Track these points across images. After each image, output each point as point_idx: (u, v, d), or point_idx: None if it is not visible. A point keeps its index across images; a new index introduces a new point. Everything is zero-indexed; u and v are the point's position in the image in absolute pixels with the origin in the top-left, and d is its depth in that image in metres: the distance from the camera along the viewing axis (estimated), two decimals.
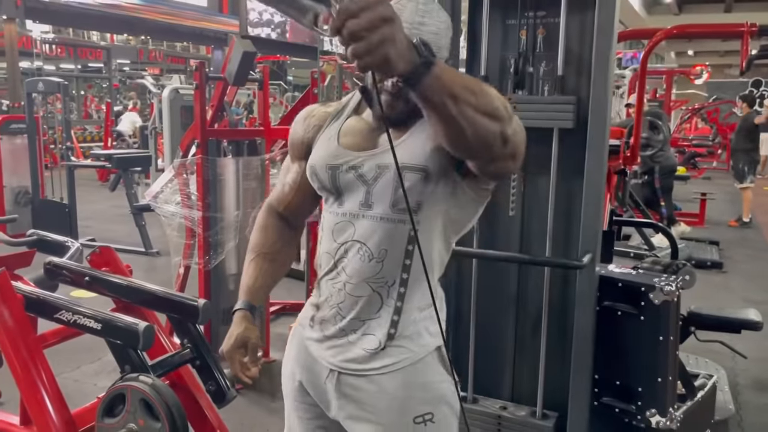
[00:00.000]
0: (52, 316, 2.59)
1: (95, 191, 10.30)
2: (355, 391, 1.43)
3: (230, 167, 3.73)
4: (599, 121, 1.97)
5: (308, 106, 1.57)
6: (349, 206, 1.40)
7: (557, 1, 2.04)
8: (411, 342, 1.41)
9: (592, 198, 1.98)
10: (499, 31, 2.17)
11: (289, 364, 1.57)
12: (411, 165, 1.32)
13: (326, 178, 1.41)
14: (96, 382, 3.79)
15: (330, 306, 1.44)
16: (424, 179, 1.32)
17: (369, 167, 1.37)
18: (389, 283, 1.38)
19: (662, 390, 2.08)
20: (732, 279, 6.21)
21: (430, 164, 1.32)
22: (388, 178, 1.34)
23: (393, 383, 1.41)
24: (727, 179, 14.21)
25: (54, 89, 6.60)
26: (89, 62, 19.47)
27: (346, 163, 1.39)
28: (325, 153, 1.43)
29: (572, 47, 2.06)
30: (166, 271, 5.68)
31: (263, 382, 3.76)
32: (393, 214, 1.35)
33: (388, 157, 1.31)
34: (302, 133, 1.51)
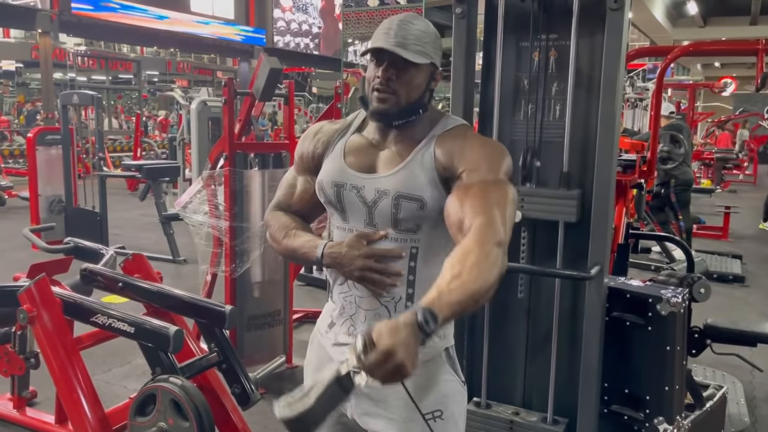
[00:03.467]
0: (88, 320, 2.75)
1: (125, 200, 10.56)
2: (371, 389, 1.53)
3: (256, 179, 3.87)
4: (608, 137, 2.06)
5: (316, 123, 1.67)
6: (355, 223, 1.51)
7: (568, 25, 2.13)
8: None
9: (601, 211, 2.07)
10: (512, 53, 2.26)
11: (310, 366, 1.68)
12: (407, 194, 1.43)
13: (332, 194, 1.52)
14: (126, 385, 3.93)
15: (343, 317, 1.55)
16: (420, 208, 1.43)
17: (369, 190, 1.47)
18: (396, 299, 1.48)
19: (669, 399, 2.14)
20: (753, 294, 6.18)
21: (426, 195, 1.43)
22: (386, 203, 1.45)
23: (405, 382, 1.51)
24: (753, 192, 14.07)
25: (88, 101, 6.84)
26: (120, 73, 19.91)
27: (350, 183, 1.50)
28: (332, 170, 1.53)
29: (582, 69, 2.15)
30: (192, 278, 5.83)
31: (285, 387, 3.87)
32: (396, 234, 1.46)
33: (386, 183, 1.45)
34: (312, 149, 1.60)
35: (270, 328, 4.04)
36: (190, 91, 11.05)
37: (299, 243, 1.55)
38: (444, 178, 1.43)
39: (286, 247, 1.59)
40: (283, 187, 1.69)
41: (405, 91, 1.44)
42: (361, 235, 1.47)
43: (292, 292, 4.16)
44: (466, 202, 1.35)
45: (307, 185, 1.63)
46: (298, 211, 1.65)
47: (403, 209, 1.43)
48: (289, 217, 1.63)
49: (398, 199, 1.43)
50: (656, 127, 4.09)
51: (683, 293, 2.20)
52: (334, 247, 1.48)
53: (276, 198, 1.70)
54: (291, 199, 1.65)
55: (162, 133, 15.97)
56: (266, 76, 3.62)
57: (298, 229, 1.59)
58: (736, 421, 3.22)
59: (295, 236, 1.57)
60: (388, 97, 1.44)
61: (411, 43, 1.42)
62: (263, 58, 3.66)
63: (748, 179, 15.70)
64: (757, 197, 13.23)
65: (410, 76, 1.44)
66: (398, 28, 1.42)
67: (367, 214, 1.48)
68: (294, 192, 1.65)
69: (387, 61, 1.43)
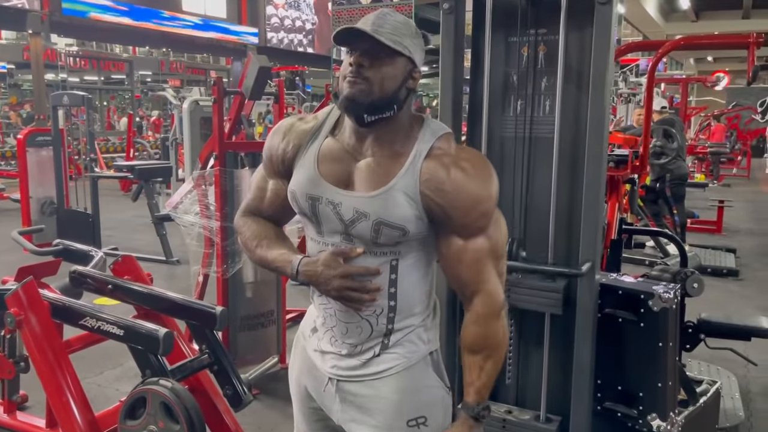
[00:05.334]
0: (77, 323, 2.72)
1: (117, 201, 10.52)
2: (354, 396, 1.51)
3: (247, 179, 3.84)
4: (598, 133, 2.05)
5: (285, 119, 1.54)
6: (330, 237, 1.44)
7: (557, 19, 2.11)
8: (404, 349, 1.48)
9: (591, 207, 2.05)
10: (501, 48, 2.24)
11: (295, 370, 1.64)
12: (389, 222, 1.37)
13: (306, 206, 1.44)
14: (118, 387, 3.91)
15: (325, 327, 1.52)
16: (402, 235, 1.39)
17: (347, 208, 1.39)
18: (377, 311, 1.45)
19: (662, 395, 2.13)
20: (747, 287, 6.19)
21: (409, 225, 1.38)
22: (365, 226, 1.38)
23: (388, 387, 1.48)
24: (746, 185, 14.10)
25: (78, 102, 6.79)
26: (112, 74, 19.84)
27: (325, 197, 1.41)
28: (305, 180, 1.44)
29: (571, 63, 2.13)
30: (186, 279, 5.81)
31: (279, 387, 3.85)
32: (374, 248, 1.41)
33: (367, 205, 1.38)
34: (281, 152, 1.50)
35: (263, 328, 4.02)
36: (182, 91, 10.99)
37: (273, 256, 1.50)
38: (429, 212, 1.39)
39: (260, 257, 1.53)
40: (252, 189, 1.62)
41: (378, 80, 1.34)
42: (337, 252, 1.40)
43: (285, 291, 4.14)
44: (464, 271, 1.42)
45: (278, 189, 1.55)
46: (270, 216, 1.59)
47: (384, 235, 1.38)
48: (260, 224, 1.57)
49: (379, 225, 1.37)
50: (648, 122, 4.08)
51: (675, 289, 2.18)
52: (309, 265, 1.42)
53: (246, 201, 1.63)
54: (261, 204, 1.59)
55: (155, 134, 15.92)
56: (255, 74, 3.59)
57: (271, 239, 1.53)
58: (731, 416, 3.22)
59: (268, 247, 1.52)
60: (359, 83, 1.34)
61: (386, 32, 1.34)
62: (252, 56, 3.63)
63: (741, 173, 15.74)
64: (750, 191, 13.28)
65: (383, 65, 1.35)
66: (375, 18, 1.36)
67: (344, 229, 1.41)
68: (264, 196, 1.58)
69: (360, 50, 1.35)
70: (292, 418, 1.74)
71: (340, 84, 1.38)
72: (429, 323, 1.52)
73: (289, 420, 1.78)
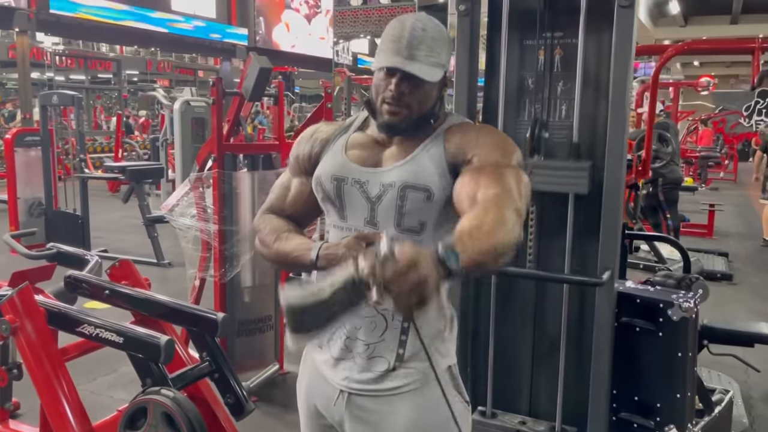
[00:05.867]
0: (74, 330, 2.63)
1: (105, 202, 10.37)
2: (366, 412, 1.44)
3: (246, 181, 3.77)
4: (618, 137, 2.00)
5: (312, 125, 1.57)
6: (354, 222, 1.42)
7: (574, 22, 2.07)
8: (421, 363, 1.41)
9: (611, 215, 2.01)
10: (516, 51, 2.20)
11: (303, 386, 1.58)
12: (414, 184, 1.36)
13: (331, 188, 1.43)
14: (112, 395, 3.81)
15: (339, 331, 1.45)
16: (427, 199, 1.35)
17: (374, 185, 1.40)
18: None
19: (681, 406, 2.09)
20: (741, 291, 6.20)
21: (434, 186, 1.35)
22: (391, 197, 1.37)
23: (404, 404, 1.41)
24: (734, 189, 14.20)
25: (68, 102, 6.67)
26: (98, 73, 19.62)
27: (352, 177, 1.42)
28: (332, 164, 1.45)
29: (590, 67, 2.09)
30: (178, 282, 5.72)
31: (277, 394, 3.78)
32: (397, 233, 1.37)
33: (392, 175, 1.38)
34: (309, 149, 1.52)
35: (261, 333, 3.95)
36: (173, 91, 10.87)
37: (291, 246, 1.45)
38: (453, 166, 1.37)
39: (277, 251, 1.49)
40: (275, 189, 1.60)
41: (417, 105, 1.38)
42: (360, 236, 1.38)
43: None
44: (481, 179, 1.30)
45: (303, 187, 1.54)
46: (292, 215, 1.56)
47: (410, 200, 1.36)
48: (280, 220, 1.54)
49: (404, 189, 1.36)
50: (650, 126, 4.06)
51: (695, 298, 2.15)
52: (331, 248, 1.38)
53: (268, 201, 1.60)
54: (284, 202, 1.56)
55: (143, 134, 15.74)
56: (255, 75, 3.52)
57: (291, 232, 1.50)
58: (736, 422, 3.19)
59: (287, 239, 1.48)
60: (400, 111, 1.37)
61: (424, 55, 1.34)
62: (252, 57, 3.56)
63: (728, 176, 15.86)
64: (738, 194, 13.37)
65: (424, 91, 1.37)
66: (410, 36, 1.34)
67: (369, 210, 1.40)
68: (287, 194, 1.56)
69: (399, 74, 1.35)
70: (291, 426, 1.68)
71: (377, 101, 1.40)
72: (446, 334, 1.47)
73: (289, 427, 1.72)
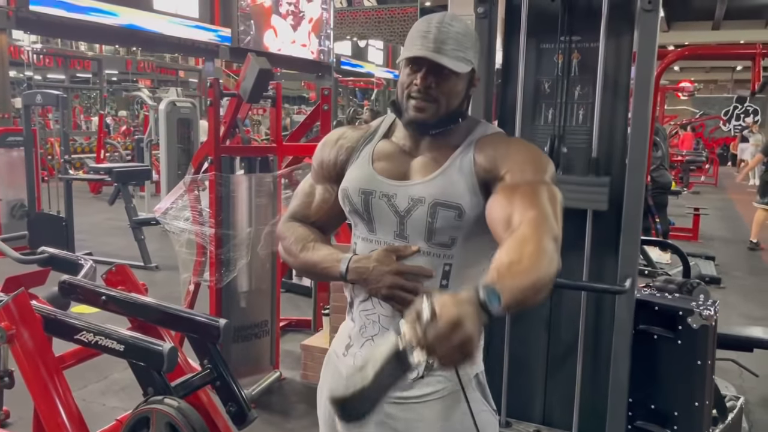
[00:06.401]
0: (71, 338, 2.54)
1: (88, 203, 10.18)
2: (393, 420, 1.41)
3: (243, 184, 3.70)
4: (641, 142, 1.98)
5: (336, 129, 1.55)
6: (383, 235, 1.39)
7: (593, 26, 2.05)
8: (449, 371, 1.36)
9: (631, 223, 1.99)
10: (533, 55, 2.17)
11: (325, 393, 1.54)
12: (444, 201, 1.32)
13: (359, 202, 1.40)
14: (104, 402, 3.72)
15: (364, 337, 1.42)
16: (458, 217, 1.32)
17: (402, 198, 1.36)
18: None
19: (699, 414, 2.08)
20: (730, 295, 6.24)
21: (464, 203, 1.32)
22: (421, 212, 1.33)
23: (432, 412, 1.39)
24: (715, 193, 14.38)
25: (52, 101, 6.53)
26: (77, 72, 19.32)
27: (380, 190, 1.38)
28: (359, 176, 1.41)
29: (609, 71, 2.06)
30: (166, 286, 5.62)
31: (276, 401, 3.72)
32: (428, 248, 1.35)
33: (422, 190, 1.34)
34: (334, 156, 1.48)
35: (257, 339, 3.87)
36: (158, 91, 10.71)
37: (319, 257, 1.43)
38: (484, 183, 1.33)
39: (304, 261, 1.46)
40: (299, 196, 1.57)
41: (445, 100, 1.34)
42: (390, 249, 1.35)
43: (279, 301, 4.00)
44: (516, 199, 1.25)
45: (327, 195, 1.51)
46: (316, 222, 1.53)
47: (440, 218, 1.32)
48: (305, 228, 1.51)
49: (435, 207, 1.32)
50: (651, 132, 4.06)
51: (714, 305, 2.13)
52: (361, 261, 1.36)
53: (291, 208, 1.57)
54: (308, 210, 1.53)
55: (124, 135, 15.52)
56: (255, 77, 3.45)
57: (317, 241, 1.47)
58: None
59: (314, 249, 1.45)
60: (427, 106, 1.33)
61: (451, 48, 1.31)
62: (251, 58, 3.49)
63: (709, 180, 16.06)
64: (719, 198, 13.54)
65: (451, 84, 1.34)
66: (437, 32, 1.31)
67: (398, 224, 1.36)
68: (312, 201, 1.53)
69: (426, 67, 1.32)
70: None
71: (403, 98, 1.37)
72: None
73: None
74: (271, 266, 3.88)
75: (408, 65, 1.36)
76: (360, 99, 17.57)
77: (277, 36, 16.48)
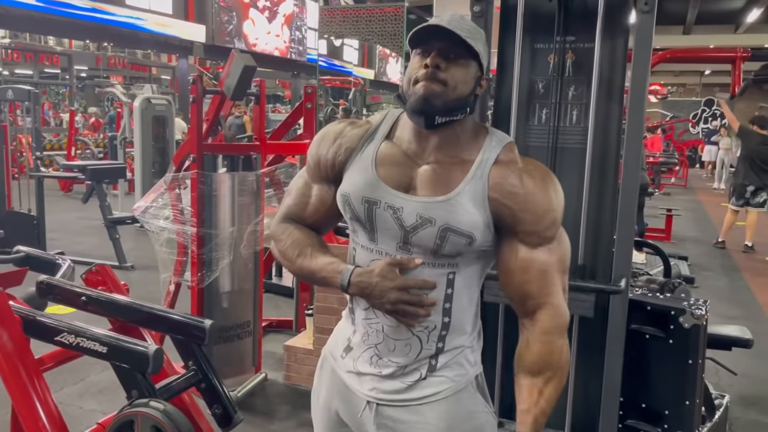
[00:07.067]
0: (52, 339, 2.47)
1: (58, 202, 9.95)
2: (395, 422, 1.40)
3: (226, 182, 3.65)
4: (635, 143, 1.99)
5: (334, 123, 1.46)
6: (385, 246, 1.34)
7: (588, 27, 2.05)
8: (452, 372, 1.39)
9: (626, 219, 2.00)
10: (527, 55, 2.17)
11: (323, 393, 1.52)
12: (457, 229, 1.29)
13: (361, 211, 1.34)
14: (81, 405, 3.63)
15: (366, 345, 1.40)
16: (469, 244, 1.30)
17: (409, 213, 1.31)
18: (430, 328, 1.35)
19: (689, 413, 2.10)
20: (703, 294, 6.32)
21: (477, 234, 1.30)
22: (430, 233, 1.29)
23: (435, 413, 1.38)
24: (685, 194, 14.65)
25: (24, 97, 6.38)
26: (46, 67, 18.92)
27: (385, 201, 1.33)
28: (362, 183, 1.35)
29: (603, 72, 2.07)
30: (142, 286, 5.52)
31: (259, 403, 3.67)
32: (433, 260, 1.32)
33: (433, 211, 1.29)
34: (333, 155, 1.41)
35: (239, 340, 3.82)
36: (132, 88, 10.51)
37: (318, 265, 1.39)
38: (497, 222, 1.32)
39: (301, 267, 1.42)
40: (293, 194, 1.51)
41: (453, 82, 1.28)
42: (393, 262, 1.31)
43: (261, 301, 3.95)
44: (530, 282, 1.33)
45: (324, 195, 1.46)
46: (312, 223, 1.48)
47: (449, 243, 1.29)
48: (302, 231, 1.46)
49: (446, 231, 1.28)
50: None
51: (706, 304, 2.15)
52: (363, 276, 1.31)
53: (285, 207, 1.52)
54: (304, 210, 1.48)
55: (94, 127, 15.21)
56: (239, 74, 3.40)
57: (314, 247, 1.42)
58: None
59: (312, 256, 1.41)
60: (434, 88, 1.27)
61: (464, 32, 1.28)
62: (235, 55, 3.44)
63: (679, 182, 16.35)
64: (689, 199, 13.80)
65: (460, 68, 1.29)
66: (451, 18, 1.30)
67: (402, 237, 1.32)
68: (308, 202, 1.48)
69: (436, 49, 1.28)
70: None
71: (409, 86, 1.31)
72: (476, 344, 1.45)
73: None
74: (254, 266, 3.84)
75: (417, 55, 1.32)
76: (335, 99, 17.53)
77: (254, 26, 16.80)
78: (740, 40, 18.00)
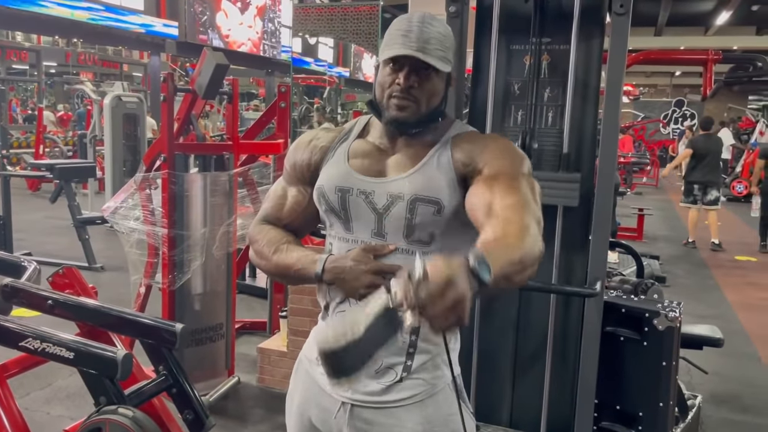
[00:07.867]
0: (16, 345, 2.41)
1: (25, 201, 9.73)
2: (370, 425, 1.38)
3: (197, 183, 3.59)
4: (611, 145, 1.99)
5: (308, 131, 1.54)
6: (360, 234, 1.37)
7: (563, 29, 2.05)
8: (428, 374, 1.38)
9: (601, 225, 2.00)
10: (503, 56, 2.16)
11: (296, 400, 1.51)
12: (424, 197, 1.31)
13: (335, 200, 1.37)
14: (48, 411, 3.55)
15: None
16: (437, 212, 1.31)
17: (380, 195, 1.34)
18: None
19: (663, 415, 2.10)
20: (675, 294, 6.40)
21: (444, 198, 1.31)
22: (400, 208, 1.32)
23: (412, 416, 1.37)
24: (656, 194, 14.86)
25: None
26: (14, 63, 18.52)
27: (357, 187, 1.36)
28: (335, 174, 1.40)
29: (579, 74, 2.07)
30: (113, 287, 5.41)
31: (231, 407, 3.62)
32: (407, 245, 1.34)
33: (401, 186, 1.33)
34: (308, 156, 1.45)
35: (212, 342, 3.77)
36: (102, 85, 10.31)
37: (293, 258, 1.39)
38: (463, 177, 1.32)
39: (276, 263, 1.42)
40: (270, 198, 1.53)
41: (426, 99, 1.34)
42: (367, 248, 1.33)
43: (234, 303, 3.89)
44: (495, 187, 1.25)
45: (300, 197, 1.48)
46: (289, 225, 1.49)
47: (419, 214, 1.30)
48: (278, 231, 1.47)
49: (414, 202, 1.31)
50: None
51: (680, 306, 2.16)
52: (338, 261, 1.33)
53: (263, 211, 1.53)
54: (281, 212, 1.49)
55: (63, 128, 14.92)
56: (211, 72, 3.35)
57: (290, 243, 1.43)
58: None
59: (287, 251, 1.41)
60: (409, 105, 1.32)
61: (434, 48, 1.30)
62: (207, 53, 3.38)
63: (650, 182, 16.58)
64: (660, 199, 13.99)
65: (432, 84, 1.34)
66: (419, 31, 1.30)
67: (376, 222, 1.34)
68: (284, 204, 1.49)
69: (408, 66, 1.31)
70: None
71: (383, 98, 1.36)
72: (452, 345, 1.42)
73: None
74: (227, 267, 3.78)
75: (388, 64, 1.34)
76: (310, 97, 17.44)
77: (227, 17, 16.93)
78: (710, 42, 18.30)
